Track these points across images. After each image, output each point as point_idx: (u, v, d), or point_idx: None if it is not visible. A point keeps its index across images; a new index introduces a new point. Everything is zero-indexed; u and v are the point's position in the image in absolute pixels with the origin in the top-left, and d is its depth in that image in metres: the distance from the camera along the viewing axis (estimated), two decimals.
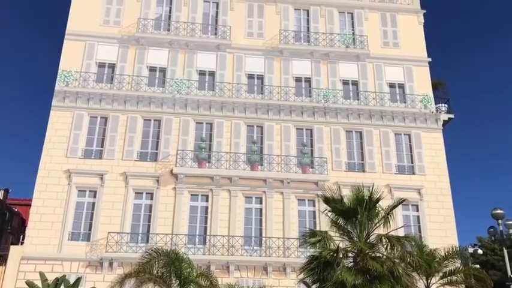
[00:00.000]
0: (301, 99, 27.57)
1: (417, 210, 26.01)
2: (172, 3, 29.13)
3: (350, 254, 15.34)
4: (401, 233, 21.17)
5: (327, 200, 16.53)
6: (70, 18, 27.76)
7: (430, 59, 29.48)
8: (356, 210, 15.25)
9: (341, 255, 14.91)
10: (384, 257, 15.17)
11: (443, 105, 28.40)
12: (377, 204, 15.97)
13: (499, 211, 21.04)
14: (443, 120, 27.98)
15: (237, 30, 28.66)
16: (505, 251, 21.56)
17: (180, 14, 28.80)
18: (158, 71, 27.56)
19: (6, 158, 70.85)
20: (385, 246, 15.39)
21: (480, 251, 27.06)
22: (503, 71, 72.65)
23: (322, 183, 25.11)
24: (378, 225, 15.92)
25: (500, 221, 21.06)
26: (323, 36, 29.18)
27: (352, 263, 15.25)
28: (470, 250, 25.36)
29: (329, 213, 16.67)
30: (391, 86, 28.75)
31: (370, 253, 15.17)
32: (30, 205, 25.07)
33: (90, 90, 26.03)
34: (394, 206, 16.80)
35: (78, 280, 19.99)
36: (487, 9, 74.00)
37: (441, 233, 25.11)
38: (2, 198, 41.87)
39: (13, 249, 24.06)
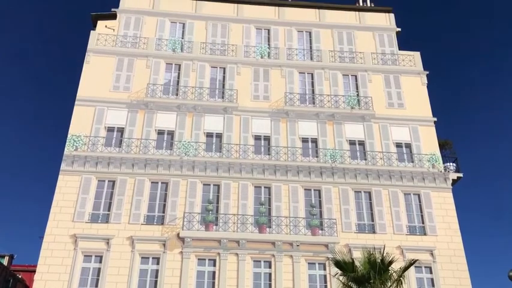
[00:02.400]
0: (308, 160, 27.62)
1: (431, 272, 25.18)
2: (180, 69, 30.03)
3: None
4: None
5: (338, 264, 16.22)
6: (81, 85, 28.55)
7: (435, 119, 29.67)
8: (369, 276, 14.86)
9: None
10: None
11: (451, 164, 28.26)
12: (389, 267, 15.64)
13: None
14: (452, 179, 27.76)
15: (243, 94, 29.29)
16: None
17: (188, 79, 29.59)
18: (166, 134, 27.91)
19: (12, 224, 70.53)
20: None
21: None
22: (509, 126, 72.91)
23: (332, 246, 24.54)
24: None
25: None
26: (328, 98, 29.68)
27: None
28: None
29: (340, 277, 16.29)
30: (398, 145, 28.81)
31: None
32: (34, 271, 24.59)
33: (99, 154, 26.29)
34: (406, 268, 16.49)
35: None
36: (488, 67, 75.58)
37: None
38: (6, 264, 41.22)
39: None
